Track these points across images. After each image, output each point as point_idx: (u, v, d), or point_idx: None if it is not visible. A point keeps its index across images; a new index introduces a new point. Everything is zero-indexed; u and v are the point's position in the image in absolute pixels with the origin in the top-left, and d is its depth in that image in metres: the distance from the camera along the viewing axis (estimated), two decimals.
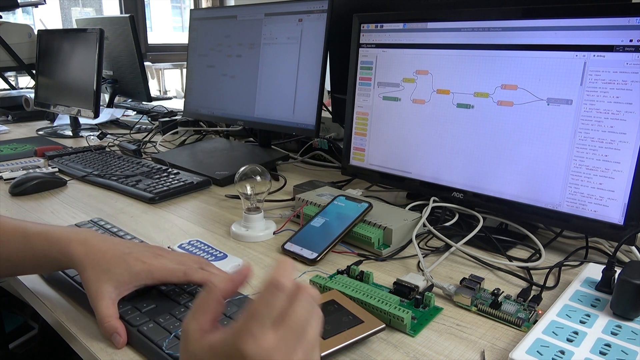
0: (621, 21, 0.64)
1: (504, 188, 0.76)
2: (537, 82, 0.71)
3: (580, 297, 0.56)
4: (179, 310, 0.55)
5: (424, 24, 0.83)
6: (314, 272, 0.65)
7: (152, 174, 1.08)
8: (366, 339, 0.50)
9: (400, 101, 0.87)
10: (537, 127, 0.72)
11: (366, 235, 0.73)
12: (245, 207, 0.79)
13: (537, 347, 0.47)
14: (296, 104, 1.11)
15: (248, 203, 0.79)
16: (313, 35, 1.07)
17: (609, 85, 0.65)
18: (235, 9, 1.28)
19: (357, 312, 0.53)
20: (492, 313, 0.57)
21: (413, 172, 0.87)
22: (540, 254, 0.71)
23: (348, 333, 0.50)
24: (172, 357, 0.47)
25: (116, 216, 0.89)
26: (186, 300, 0.57)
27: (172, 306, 0.55)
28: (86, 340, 0.53)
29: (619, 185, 0.65)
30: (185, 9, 6.16)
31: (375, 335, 0.51)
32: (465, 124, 0.79)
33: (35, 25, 2.27)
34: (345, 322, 0.51)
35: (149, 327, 0.52)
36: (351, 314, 0.53)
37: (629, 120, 0.64)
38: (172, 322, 0.52)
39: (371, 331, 0.50)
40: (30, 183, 1.01)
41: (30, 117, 1.91)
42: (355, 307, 0.54)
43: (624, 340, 0.48)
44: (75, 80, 1.55)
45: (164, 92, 4.52)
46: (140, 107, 1.99)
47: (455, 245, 0.71)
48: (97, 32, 1.43)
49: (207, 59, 1.33)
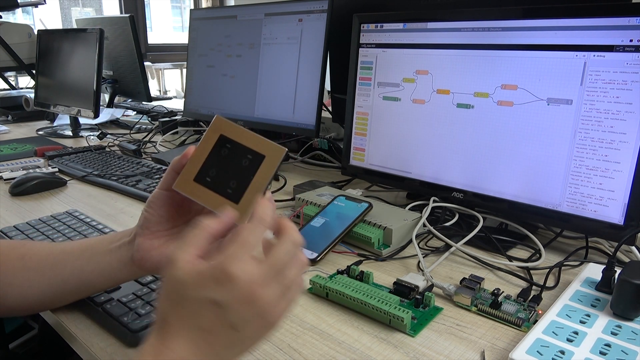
0: (621, 21, 0.64)
1: (504, 188, 0.76)
2: (537, 82, 0.71)
3: (580, 297, 0.56)
4: (142, 290, 0.59)
5: (424, 24, 0.83)
6: (314, 272, 0.65)
7: (152, 174, 1.08)
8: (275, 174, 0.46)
9: (400, 101, 0.87)
10: (537, 127, 0.72)
11: (366, 235, 0.73)
12: None
13: (537, 347, 0.47)
14: (296, 104, 1.11)
15: None
16: (313, 35, 1.07)
17: (609, 85, 0.65)
18: (235, 9, 1.28)
19: (252, 145, 0.46)
20: (492, 313, 0.57)
21: (413, 172, 0.87)
22: (540, 254, 0.71)
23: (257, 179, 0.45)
24: (130, 329, 0.52)
25: (116, 216, 0.89)
26: (149, 281, 0.61)
27: (135, 287, 0.60)
28: (86, 340, 0.53)
29: (619, 185, 0.65)
30: (185, 9, 6.16)
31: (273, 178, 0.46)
32: (465, 124, 0.79)
33: (35, 25, 2.27)
34: (247, 166, 0.46)
35: (112, 305, 0.56)
36: (249, 151, 0.46)
37: (629, 120, 0.64)
38: (134, 301, 0.57)
39: (278, 164, 0.46)
40: (30, 183, 1.01)
41: (30, 117, 1.91)
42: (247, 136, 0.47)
43: (624, 340, 0.48)
44: (75, 80, 1.55)
45: (164, 92, 4.52)
46: (140, 107, 2.00)
47: (455, 245, 0.71)
48: (97, 32, 1.43)
49: (207, 59, 1.33)
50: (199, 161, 0.47)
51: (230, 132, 0.47)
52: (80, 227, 0.79)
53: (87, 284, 0.54)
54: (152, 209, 0.49)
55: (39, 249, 0.56)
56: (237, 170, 0.46)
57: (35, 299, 0.54)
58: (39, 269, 0.53)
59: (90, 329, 0.55)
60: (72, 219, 0.82)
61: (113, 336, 0.53)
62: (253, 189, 0.45)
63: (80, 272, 0.53)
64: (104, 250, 0.53)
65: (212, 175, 0.47)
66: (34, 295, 0.54)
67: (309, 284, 0.62)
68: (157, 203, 0.49)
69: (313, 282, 0.61)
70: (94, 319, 0.56)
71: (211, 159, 0.47)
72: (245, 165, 0.46)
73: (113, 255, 0.52)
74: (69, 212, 0.86)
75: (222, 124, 0.47)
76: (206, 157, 0.47)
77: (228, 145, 0.47)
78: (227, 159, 0.47)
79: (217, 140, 0.47)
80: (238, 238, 0.37)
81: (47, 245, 0.57)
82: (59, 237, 0.75)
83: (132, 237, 0.51)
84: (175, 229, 0.51)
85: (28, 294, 0.53)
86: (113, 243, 0.53)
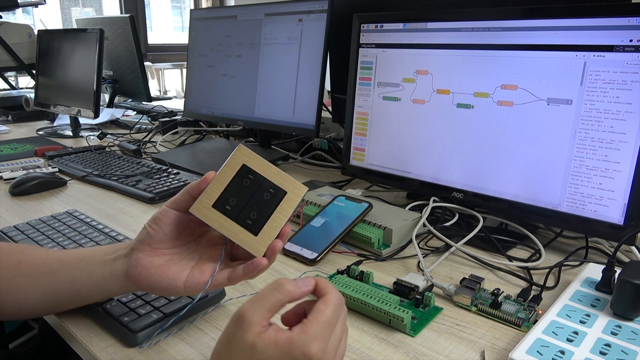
0: (621, 21, 0.64)
1: (504, 188, 0.76)
2: (537, 82, 0.71)
3: (580, 297, 0.56)
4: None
5: (424, 24, 0.83)
6: (314, 272, 0.65)
7: (152, 174, 1.08)
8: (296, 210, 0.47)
9: (400, 101, 0.87)
10: (537, 127, 0.72)
11: (366, 235, 0.73)
12: None
13: (537, 347, 0.47)
14: (296, 104, 1.11)
15: None
16: (313, 35, 1.07)
17: (609, 85, 0.65)
18: (235, 9, 1.28)
19: (275, 179, 0.48)
20: (492, 313, 0.57)
21: (413, 172, 0.87)
22: (540, 254, 0.71)
23: (278, 214, 0.46)
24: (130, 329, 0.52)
25: (116, 216, 0.89)
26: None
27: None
28: (86, 340, 0.53)
29: (619, 185, 0.65)
30: (185, 9, 6.16)
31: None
32: (465, 124, 0.79)
33: (35, 25, 2.27)
34: (268, 200, 0.47)
35: (112, 305, 0.56)
36: (271, 185, 0.47)
37: (629, 120, 0.64)
38: (134, 301, 0.57)
39: (299, 201, 0.47)
40: (30, 183, 1.01)
41: (30, 117, 1.91)
42: (270, 170, 0.48)
43: (624, 340, 0.48)
44: (75, 80, 1.55)
45: (164, 92, 4.52)
46: (140, 107, 2.00)
47: (455, 245, 0.71)
48: (97, 32, 1.43)
49: (207, 59, 1.33)
50: (219, 188, 0.47)
51: (253, 163, 0.48)
52: (80, 227, 0.79)
53: (80, 294, 0.53)
54: (157, 226, 0.48)
55: (35, 256, 0.55)
56: (258, 203, 0.46)
57: (30, 306, 0.54)
58: (33, 277, 0.53)
59: (90, 329, 0.55)
60: (72, 219, 0.82)
61: (113, 336, 0.53)
62: (273, 224, 0.46)
63: (73, 282, 0.52)
64: (99, 261, 0.51)
65: (232, 204, 0.47)
66: (28, 302, 0.53)
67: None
68: (163, 221, 0.48)
69: None
70: (94, 319, 0.56)
71: (232, 188, 0.47)
72: (267, 199, 0.47)
73: (107, 267, 0.51)
74: (69, 212, 0.86)
75: (244, 154, 0.48)
76: (227, 185, 0.47)
77: (250, 176, 0.47)
78: (248, 190, 0.47)
79: (239, 169, 0.47)
80: (322, 318, 0.38)
81: (43, 252, 0.56)
82: (59, 237, 0.75)
83: (129, 250, 0.50)
84: (176, 249, 0.50)
85: (22, 300, 0.53)
86: (108, 255, 0.51)
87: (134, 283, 0.49)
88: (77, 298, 0.54)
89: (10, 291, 0.52)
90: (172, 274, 0.48)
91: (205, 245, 0.51)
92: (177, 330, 0.54)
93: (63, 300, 0.54)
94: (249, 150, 0.48)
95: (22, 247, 0.57)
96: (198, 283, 0.47)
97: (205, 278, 0.47)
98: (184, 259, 0.50)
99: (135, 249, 0.49)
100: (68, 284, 0.52)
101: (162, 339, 0.53)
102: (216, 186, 0.47)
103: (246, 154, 0.48)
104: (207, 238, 0.52)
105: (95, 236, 0.75)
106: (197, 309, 0.57)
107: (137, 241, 0.49)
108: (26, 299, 0.53)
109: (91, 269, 0.51)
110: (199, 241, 0.52)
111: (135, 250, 0.49)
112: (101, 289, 0.52)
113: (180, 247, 0.50)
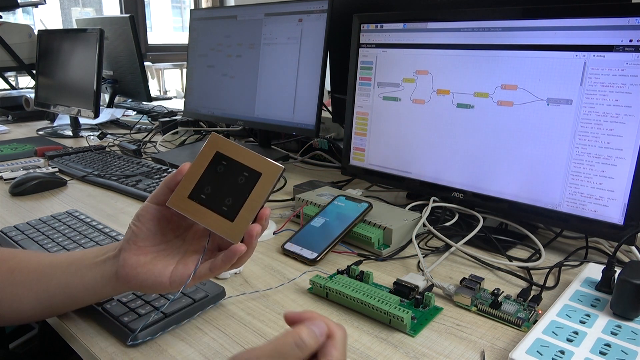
0: (621, 21, 0.64)
1: (504, 188, 0.76)
2: (537, 82, 0.71)
3: (580, 297, 0.56)
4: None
5: (424, 24, 0.83)
6: (314, 272, 0.65)
7: (152, 174, 1.09)
8: (272, 192, 0.46)
9: (400, 101, 0.87)
10: (537, 127, 0.72)
11: (366, 235, 0.73)
12: None
13: (537, 347, 0.47)
14: (296, 104, 1.11)
15: None
16: (313, 35, 1.07)
17: (608, 88, 0.65)
18: (235, 9, 1.28)
19: (249, 162, 0.46)
20: (492, 313, 0.57)
21: (413, 172, 0.87)
22: (540, 254, 0.71)
23: (253, 197, 0.45)
24: (130, 329, 0.52)
25: (116, 216, 0.89)
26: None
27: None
28: (86, 340, 0.53)
29: (619, 185, 0.65)
30: (185, 9, 6.15)
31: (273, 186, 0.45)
32: (465, 124, 0.79)
33: (35, 25, 2.27)
34: (243, 184, 0.45)
35: (112, 305, 0.56)
36: (244, 169, 0.46)
37: (628, 123, 0.64)
38: (134, 301, 0.56)
39: (274, 181, 0.45)
40: (30, 183, 1.01)
41: (30, 117, 1.91)
42: (243, 153, 0.47)
43: (624, 340, 0.48)
44: (75, 80, 1.55)
45: (164, 92, 4.52)
46: (140, 107, 2.00)
47: (455, 245, 0.71)
48: (97, 32, 1.43)
49: (207, 59, 1.33)
50: (194, 178, 0.46)
51: (227, 149, 0.47)
52: (80, 227, 0.79)
53: (73, 298, 0.53)
54: (140, 223, 0.48)
55: (27, 262, 0.54)
56: (233, 188, 0.46)
57: (25, 313, 0.53)
58: (27, 284, 0.52)
59: (90, 329, 0.55)
60: (72, 219, 0.82)
61: (113, 336, 0.53)
62: (249, 207, 0.45)
63: (66, 286, 0.52)
64: (89, 264, 0.51)
65: (207, 192, 0.46)
66: (23, 308, 0.53)
67: (309, 284, 0.62)
68: (146, 217, 0.48)
69: (313, 283, 0.61)
70: (94, 319, 0.56)
71: (206, 176, 0.46)
72: (242, 182, 0.45)
73: (97, 269, 0.50)
74: (69, 212, 0.86)
75: (218, 141, 0.47)
76: (201, 174, 0.46)
77: (224, 162, 0.46)
78: (222, 177, 0.46)
79: (212, 157, 0.47)
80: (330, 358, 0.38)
81: (36, 257, 0.56)
82: (59, 237, 0.75)
83: (117, 251, 0.49)
84: (163, 245, 0.49)
85: (17, 307, 0.52)
86: (98, 257, 0.51)
87: (124, 284, 0.49)
88: (72, 302, 0.54)
89: (5, 300, 0.52)
90: (157, 270, 0.47)
91: (192, 239, 0.51)
92: (174, 327, 0.54)
93: (58, 305, 0.54)
94: (221, 137, 0.47)
95: (14, 253, 0.56)
96: (182, 277, 0.47)
97: (189, 271, 0.47)
98: (170, 254, 0.49)
99: (122, 249, 0.49)
100: (61, 289, 0.52)
101: (157, 336, 0.53)
102: (191, 177, 0.47)
103: (219, 140, 0.47)
104: (193, 231, 0.52)
105: (95, 236, 0.75)
106: (197, 309, 0.57)
107: (124, 241, 0.49)
108: (22, 306, 0.52)
109: (83, 273, 0.51)
110: (185, 235, 0.51)
111: (123, 251, 0.48)
112: (94, 291, 0.52)
113: (166, 242, 0.50)
